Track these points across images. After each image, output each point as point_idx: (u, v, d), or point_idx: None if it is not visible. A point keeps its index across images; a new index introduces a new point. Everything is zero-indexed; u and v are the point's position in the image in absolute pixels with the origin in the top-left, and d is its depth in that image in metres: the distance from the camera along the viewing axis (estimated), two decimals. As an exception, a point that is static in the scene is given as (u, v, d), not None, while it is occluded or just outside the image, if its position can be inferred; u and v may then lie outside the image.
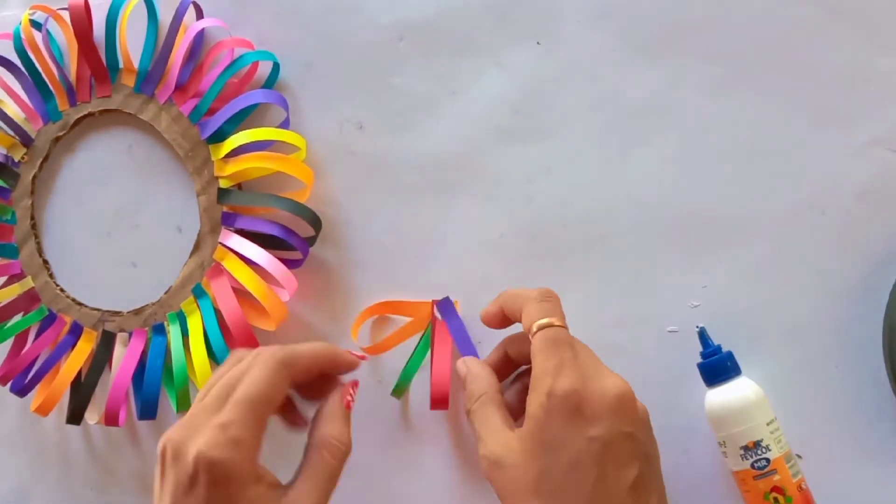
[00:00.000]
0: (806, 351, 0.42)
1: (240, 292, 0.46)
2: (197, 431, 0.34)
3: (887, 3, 0.42)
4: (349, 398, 0.39)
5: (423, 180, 0.46)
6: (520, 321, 0.38)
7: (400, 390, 0.45)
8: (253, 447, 0.34)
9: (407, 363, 0.45)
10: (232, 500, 0.33)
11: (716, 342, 0.41)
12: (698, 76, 0.43)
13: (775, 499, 0.38)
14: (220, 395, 0.35)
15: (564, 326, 0.36)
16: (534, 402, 0.34)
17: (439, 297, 0.45)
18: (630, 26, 0.44)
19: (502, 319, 0.40)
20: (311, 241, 0.47)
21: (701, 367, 0.41)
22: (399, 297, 0.46)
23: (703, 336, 0.41)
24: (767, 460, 0.38)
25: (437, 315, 0.45)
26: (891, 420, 0.40)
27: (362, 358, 0.40)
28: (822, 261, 0.42)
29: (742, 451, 0.39)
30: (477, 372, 0.39)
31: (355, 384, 0.39)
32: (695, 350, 0.41)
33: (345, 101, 0.47)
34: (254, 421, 0.34)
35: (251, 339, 0.45)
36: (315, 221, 0.46)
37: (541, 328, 0.36)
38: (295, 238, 0.46)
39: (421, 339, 0.45)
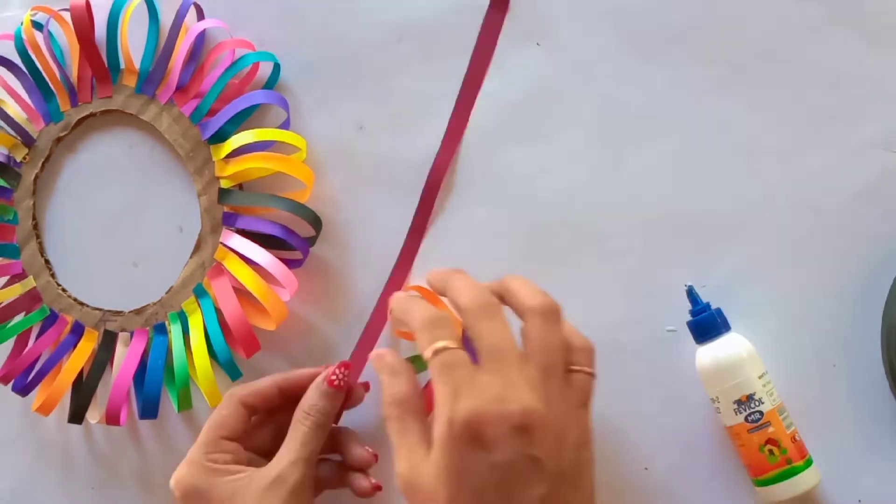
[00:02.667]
0: (804, 350, 0.42)
1: (240, 292, 0.46)
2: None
3: (887, 3, 0.42)
4: (334, 378, 0.42)
5: (422, 180, 0.46)
6: None
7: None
8: (206, 461, 0.41)
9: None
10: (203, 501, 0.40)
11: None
12: (698, 76, 0.43)
13: (770, 451, 0.39)
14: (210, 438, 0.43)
15: (459, 348, 0.34)
16: (437, 430, 0.33)
17: None
18: (630, 27, 0.44)
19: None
20: (311, 241, 0.47)
21: (691, 324, 0.41)
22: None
23: (691, 294, 0.41)
24: (761, 413, 0.39)
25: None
26: (889, 419, 0.40)
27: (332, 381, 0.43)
28: (821, 261, 0.42)
29: (735, 406, 0.39)
30: (398, 370, 0.37)
31: (346, 365, 0.43)
32: (694, 350, 0.41)
33: (345, 102, 0.47)
34: (205, 441, 0.42)
35: (252, 339, 0.45)
36: (315, 221, 0.46)
37: (435, 353, 0.34)
38: (295, 238, 0.46)
39: None
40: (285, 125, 0.47)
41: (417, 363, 0.43)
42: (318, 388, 0.42)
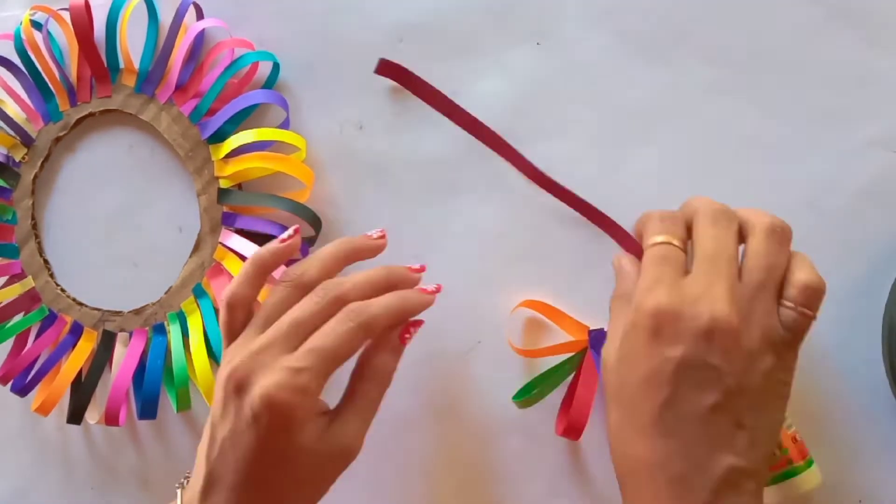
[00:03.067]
0: (805, 350, 0.41)
1: (240, 292, 0.46)
2: (265, 368, 0.35)
3: (887, 3, 0.42)
4: (407, 336, 0.39)
5: (422, 180, 0.46)
6: None
7: (528, 401, 0.43)
8: (317, 395, 0.36)
9: (546, 377, 0.43)
10: (288, 442, 0.35)
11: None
12: (698, 76, 0.43)
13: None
14: (291, 334, 0.36)
15: (681, 248, 0.35)
16: (627, 315, 0.35)
17: (589, 324, 0.43)
18: (630, 27, 0.44)
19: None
20: (311, 241, 0.47)
21: None
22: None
23: None
24: None
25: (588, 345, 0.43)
26: (890, 420, 0.40)
27: (436, 291, 0.40)
28: (821, 260, 0.42)
29: None
30: (628, 270, 0.38)
31: (418, 324, 0.40)
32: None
33: (345, 102, 0.47)
34: (324, 373, 0.36)
35: (251, 339, 0.45)
36: (315, 221, 0.46)
37: (653, 245, 0.35)
38: (295, 238, 0.46)
39: (568, 359, 0.43)
40: (285, 125, 0.47)
41: (524, 402, 0.43)
42: (394, 349, 0.39)
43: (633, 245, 0.40)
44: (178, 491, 0.39)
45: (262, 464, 0.35)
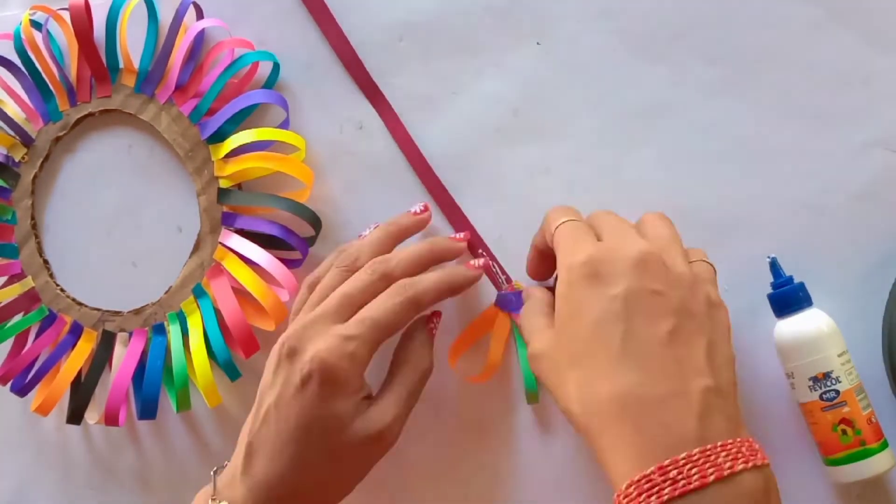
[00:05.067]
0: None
1: (240, 292, 0.46)
2: (317, 335, 0.37)
3: (887, 3, 0.42)
4: (432, 326, 0.42)
5: (422, 180, 0.46)
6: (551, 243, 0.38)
7: (535, 395, 0.44)
8: (364, 366, 0.38)
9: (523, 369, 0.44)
10: (334, 406, 0.37)
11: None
12: (698, 76, 0.43)
13: (843, 430, 0.38)
14: (342, 305, 0.39)
15: (582, 221, 0.37)
16: (559, 284, 0.35)
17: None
18: (630, 26, 0.44)
19: (541, 257, 0.41)
20: (310, 240, 0.47)
21: (771, 297, 0.40)
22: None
23: (774, 266, 0.40)
24: (837, 392, 0.38)
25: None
26: (890, 420, 0.40)
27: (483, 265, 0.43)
28: (821, 261, 0.42)
29: (811, 382, 0.38)
30: (532, 292, 0.41)
31: (438, 315, 0.43)
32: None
33: (345, 102, 0.47)
34: (373, 344, 0.38)
35: (251, 339, 0.45)
36: (315, 221, 0.46)
37: (561, 224, 0.37)
38: (294, 238, 0.46)
39: (516, 338, 0.44)
40: (284, 125, 0.47)
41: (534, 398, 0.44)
42: (425, 340, 0.42)
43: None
44: (213, 476, 0.40)
45: (302, 433, 0.37)
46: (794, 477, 0.41)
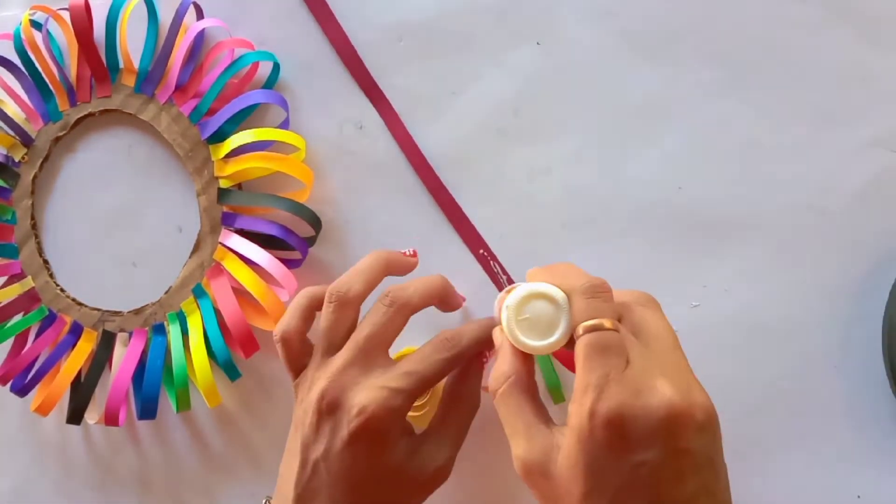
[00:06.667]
0: (805, 350, 0.42)
1: (239, 292, 0.46)
2: (357, 386, 0.36)
3: (887, 3, 0.42)
4: (484, 361, 0.41)
5: (423, 180, 0.46)
6: None
7: (559, 391, 0.44)
8: (405, 408, 0.37)
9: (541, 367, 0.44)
10: (381, 461, 0.36)
11: (715, 341, 0.41)
12: (698, 76, 0.43)
13: None
14: (368, 350, 0.37)
15: (615, 329, 0.32)
16: (575, 416, 0.31)
17: None
18: (630, 26, 0.44)
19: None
20: (310, 241, 0.47)
21: None
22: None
23: None
24: None
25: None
26: (890, 419, 0.40)
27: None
28: (821, 260, 0.42)
29: None
30: (508, 348, 0.35)
31: (492, 352, 0.40)
32: (696, 348, 0.41)
33: (345, 102, 0.47)
34: (416, 397, 0.37)
35: (251, 339, 0.45)
36: (315, 221, 0.46)
37: (587, 331, 0.32)
38: (294, 238, 0.46)
39: None
40: (284, 125, 0.47)
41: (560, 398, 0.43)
42: (477, 374, 0.40)
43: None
44: None
45: (356, 484, 0.36)
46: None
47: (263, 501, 0.41)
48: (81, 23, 0.48)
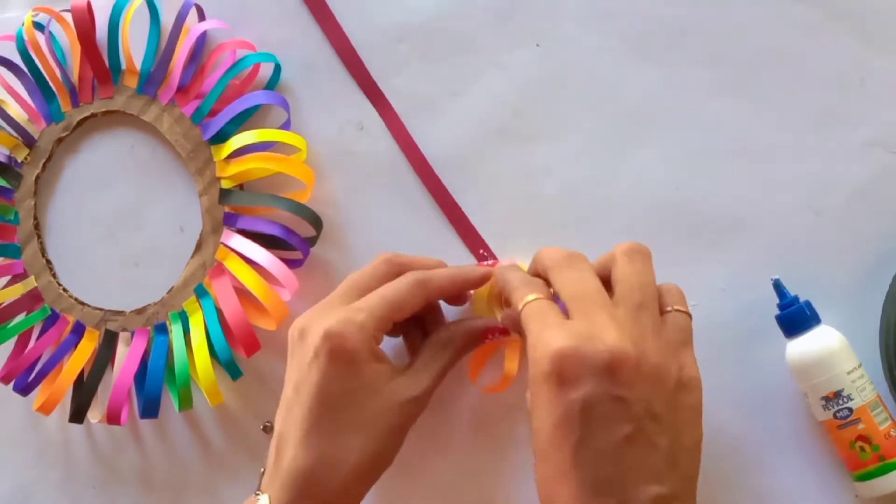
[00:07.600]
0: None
1: (241, 292, 0.46)
2: (325, 315, 0.38)
3: (887, 4, 0.42)
4: (489, 339, 0.42)
5: (423, 181, 0.46)
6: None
7: None
8: (375, 336, 0.38)
9: None
10: (350, 373, 0.37)
11: (715, 340, 0.41)
12: (697, 77, 0.43)
13: (861, 447, 0.38)
14: (349, 290, 0.40)
15: (549, 299, 0.36)
16: (529, 371, 0.34)
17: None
18: (630, 27, 0.44)
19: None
20: (311, 241, 0.47)
21: (778, 318, 0.40)
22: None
23: (778, 287, 0.40)
24: (850, 409, 0.38)
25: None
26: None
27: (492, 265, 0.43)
28: (820, 260, 0.42)
29: (823, 402, 0.38)
30: (523, 277, 0.39)
31: (505, 331, 0.42)
32: (695, 347, 0.41)
33: (345, 102, 0.48)
34: (381, 320, 0.38)
35: (252, 339, 0.45)
36: (316, 221, 0.46)
37: (526, 304, 0.36)
38: (296, 238, 0.46)
39: None
40: (286, 126, 0.47)
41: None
42: (475, 331, 0.42)
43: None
44: (260, 478, 0.40)
45: (325, 410, 0.37)
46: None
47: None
48: (84, 24, 0.49)
